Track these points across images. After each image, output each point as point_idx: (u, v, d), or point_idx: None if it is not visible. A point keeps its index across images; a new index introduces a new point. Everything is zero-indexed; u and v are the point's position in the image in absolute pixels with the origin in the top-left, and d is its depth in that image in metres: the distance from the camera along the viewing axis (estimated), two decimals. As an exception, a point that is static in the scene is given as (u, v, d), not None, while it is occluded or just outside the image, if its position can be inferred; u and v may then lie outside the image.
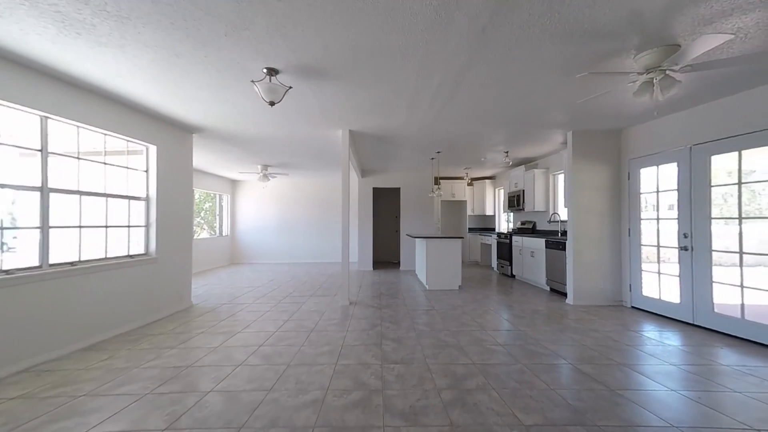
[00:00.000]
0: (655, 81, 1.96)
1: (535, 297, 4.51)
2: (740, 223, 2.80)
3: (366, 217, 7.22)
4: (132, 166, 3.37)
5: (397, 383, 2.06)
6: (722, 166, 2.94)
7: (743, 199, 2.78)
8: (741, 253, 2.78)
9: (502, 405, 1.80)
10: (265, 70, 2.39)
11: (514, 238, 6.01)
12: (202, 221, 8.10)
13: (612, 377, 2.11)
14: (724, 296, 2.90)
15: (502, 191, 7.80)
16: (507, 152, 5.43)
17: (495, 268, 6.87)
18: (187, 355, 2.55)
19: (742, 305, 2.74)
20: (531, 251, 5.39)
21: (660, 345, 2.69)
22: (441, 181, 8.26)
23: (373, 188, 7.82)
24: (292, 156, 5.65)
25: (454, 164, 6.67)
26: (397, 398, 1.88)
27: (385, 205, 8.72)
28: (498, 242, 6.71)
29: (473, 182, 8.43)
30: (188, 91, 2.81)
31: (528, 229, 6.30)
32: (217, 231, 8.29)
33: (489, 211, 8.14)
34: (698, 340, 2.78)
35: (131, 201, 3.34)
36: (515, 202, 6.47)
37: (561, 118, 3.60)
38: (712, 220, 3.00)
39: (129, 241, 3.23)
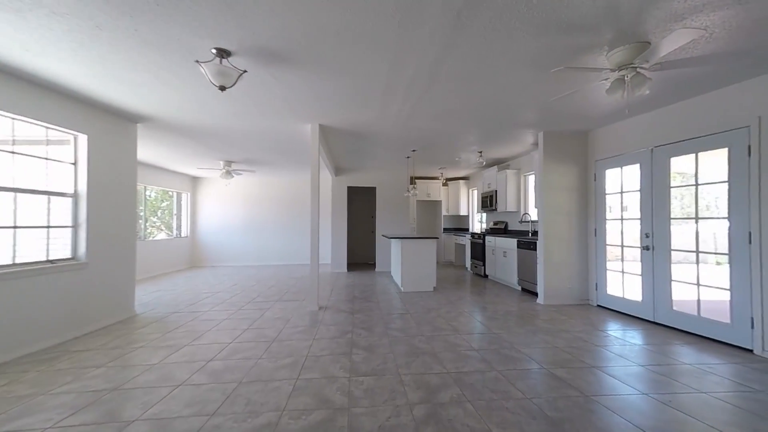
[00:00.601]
0: (626, 78, 1.93)
1: (508, 297, 4.52)
2: (696, 223, 2.92)
3: (340, 217, 6.96)
4: (55, 157, 2.87)
5: (365, 399, 1.86)
6: (679, 167, 3.06)
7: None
8: (697, 252, 2.90)
9: (478, 420, 1.66)
10: (214, 51, 2.09)
11: (487, 238, 6.05)
12: (158, 221, 7.38)
13: (585, 382, 2.07)
14: (682, 294, 3.02)
15: (475, 191, 7.89)
16: (481, 152, 5.43)
17: (469, 269, 6.90)
18: (115, 376, 2.17)
19: (698, 302, 2.85)
20: (503, 251, 5.43)
21: (626, 345, 2.72)
22: (417, 180, 8.20)
23: (348, 187, 7.58)
24: (257, 152, 5.26)
25: (429, 164, 6.61)
26: (365, 417, 1.68)
27: (361, 205, 8.50)
28: (472, 242, 6.74)
29: (448, 182, 8.46)
30: (122, 72, 2.42)
31: (500, 230, 6.39)
32: (175, 232, 7.60)
33: (463, 212, 8.20)
34: (660, 339, 2.86)
35: (53, 197, 2.84)
36: (488, 203, 6.54)
37: (533, 117, 3.60)
38: (672, 221, 3.11)
39: (48, 244, 2.74)
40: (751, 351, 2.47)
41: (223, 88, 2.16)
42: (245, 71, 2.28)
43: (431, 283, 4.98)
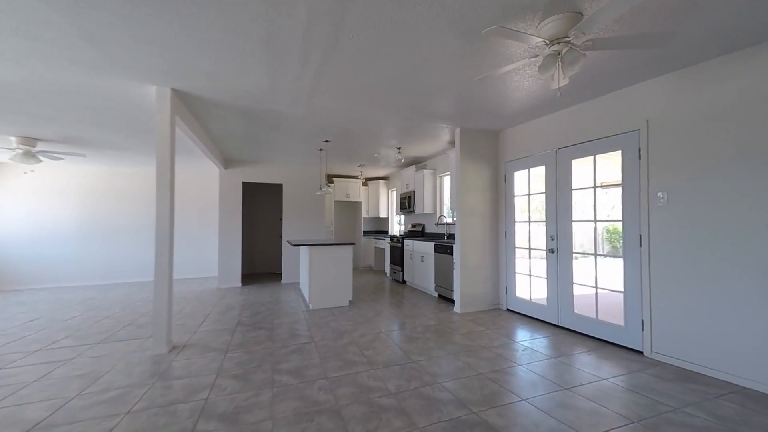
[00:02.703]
0: (560, 55, 1.60)
1: (426, 307, 4.18)
2: (595, 225, 3.03)
3: (231, 219, 5.57)
4: None
5: None
6: (583, 170, 3.15)
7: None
8: (596, 255, 3.00)
9: None
10: None
11: (406, 241, 5.73)
12: None
13: (522, 428, 1.67)
14: (583, 297, 3.11)
15: (395, 192, 7.60)
16: (399, 149, 5.04)
17: (388, 275, 6.50)
18: None
19: (596, 305, 2.94)
20: (421, 256, 5.16)
21: (543, 360, 2.55)
22: (334, 179, 7.41)
23: (246, 183, 6.24)
24: (74, 125, 3.55)
25: (347, 160, 5.91)
26: None
27: (267, 205, 7.18)
28: (391, 246, 6.35)
29: (368, 182, 7.95)
30: None
31: (418, 232, 6.17)
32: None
33: (383, 213, 7.81)
34: (568, 346, 2.83)
35: None
36: (407, 204, 6.26)
37: (451, 108, 3.28)
38: (573, 223, 3.19)
39: None
40: (641, 353, 2.58)
41: None
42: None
43: (347, 296, 4.28)
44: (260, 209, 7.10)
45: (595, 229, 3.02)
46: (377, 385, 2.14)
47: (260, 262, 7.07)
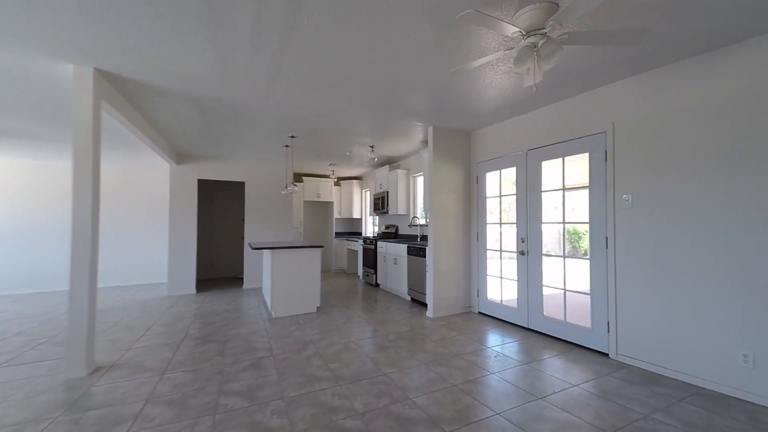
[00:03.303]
0: (536, 47, 1.50)
1: (399, 312, 4.02)
2: (564, 227, 3.04)
3: (184, 219, 5.05)
4: None
5: None
6: (554, 171, 3.16)
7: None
8: (564, 257, 3.01)
9: None
10: None
11: (379, 243, 5.55)
12: None
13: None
14: (552, 299, 3.11)
15: (368, 193, 7.40)
16: (372, 147, 4.85)
17: (361, 277, 6.28)
18: None
19: (565, 308, 2.94)
20: (394, 258, 5.01)
21: (515, 367, 2.48)
22: (304, 178, 7.06)
23: (201, 180, 5.73)
24: None
25: (317, 158, 5.62)
26: None
27: (229, 204, 6.66)
28: (363, 248, 6.14)
29: (341, 182, 7.68)
30: None
31: (392, 234, 6.03)
32: None
33: (356, 214, 7.58)
34: (538, 351, 2.80)
35: None
36: (380, 205, 6.09)
37: (424, 105, 3.15)
38: (543, 225, 3.19)
39: None
40: (607, 355, 2.59)
41: None
42: None
43: (314, 302, 4.01)
44: (221, 209, 6.57)
45: (564, 230, 3.03)
46: (342, 404, 1.92)
47: (221, 267, 6.54)
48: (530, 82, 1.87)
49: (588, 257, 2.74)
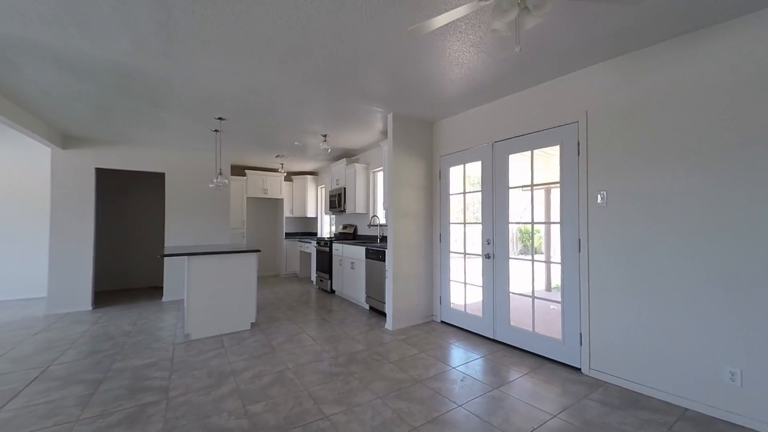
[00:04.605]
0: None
1: (354, 325, 3.50)
2: (532, 228, 2.77)
3: (74, 218, 3.96)
4: None
5: None
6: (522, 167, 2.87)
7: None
8: (533, 261, 2.74)
9: None
10: None
11: (335, 245, 4.97)
12: None
13: None
14: (519, 308, 2.82)
15: (324, 189, 6.75)
16: (326, 137, 4.25)
17: (314, 283, 5.63)
18: None
19: (533, 317, 2.67)
20: (351, 262, 4.47)
21: (486, 391, 2.11)
22: (248, 171, 6.18)
23: (102, 170, 4.62)
24: None
25: (259, 148, 4.84)
26: None
27: (150, 200, 5.54)
28: (317, 250, 5.50)
29: (292, 177, 6.91)
30: None
31: (349, 234, 5.48)
32: None
33: (311, 213, 6.87)
34: (507, 368, 2.49)
35: None
36: (337, 203, 5.50)
37: (382, 85, 2.67)
38: (511, 225, 2.90)
39: None
40: (579, 370, 2.35)
41: None
42: None
43: (247, 317, 3.30)
44: (139, 207, 5.43)
45: (532, 232, 2.76)
46: (256, 481, 1.34)
47: (138, 275, 5.40)
48: (510, 49, 1.48)
49: (560, 261, 2.47)
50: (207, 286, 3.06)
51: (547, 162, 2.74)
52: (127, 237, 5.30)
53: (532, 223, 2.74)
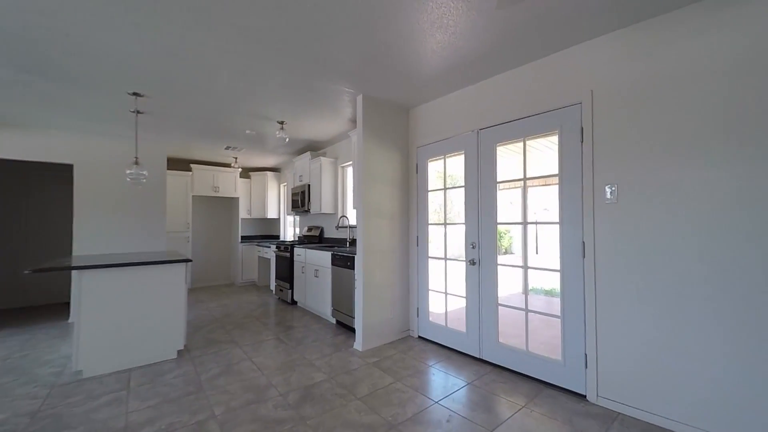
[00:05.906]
0: None
1: (316, 345, 2.90)
2: (525, 230, 2.39)
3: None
4: None
5: None
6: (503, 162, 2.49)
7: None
8: (526, 267, 2.35)
9: None
10: None
11: (296, 250, 4.33)
12: None
13: None
14: (509, 322, 2.43)
15: (287, 187, 6.04)
16: (282, 123, 3.62)
17: (274, 292, 4.92)
18: None
19: (527, 334, 2.28)
20: (315, 269, 3.86)
21: None
22: (193, 166, 5.31)
23: None
24: None
25: (201, 137, 4.06)
26: None
27: (58, 199, 4.47)
28: (277, 256, 4.80)
29: (250, 174, 6.12)
30: None
31: (315, 238, 4.85)
32: None
33: (272, 214, 6.12)
34: (498, 396, 2.06)
35: None
36: (300, 202, 4.85)
37: (349, 55, 2.14)
38: (500, 226, 2.50)
39: None
40: (584, 397, 1.98)
41: None
42: None
43: (172, 343, 2.59)
44: (41, 208, 4.37)
45: (525, 234, 2.37)
46: None
47: (39, 290, 4.32)
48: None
49: (558, 269, 2.10)
50: (111, 307, 2.30)
51: (540, 157, 2.37)
52: (27, 245, 4.21)
53: (525, 224, 2.35)
